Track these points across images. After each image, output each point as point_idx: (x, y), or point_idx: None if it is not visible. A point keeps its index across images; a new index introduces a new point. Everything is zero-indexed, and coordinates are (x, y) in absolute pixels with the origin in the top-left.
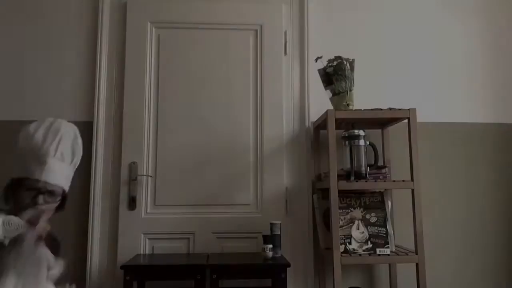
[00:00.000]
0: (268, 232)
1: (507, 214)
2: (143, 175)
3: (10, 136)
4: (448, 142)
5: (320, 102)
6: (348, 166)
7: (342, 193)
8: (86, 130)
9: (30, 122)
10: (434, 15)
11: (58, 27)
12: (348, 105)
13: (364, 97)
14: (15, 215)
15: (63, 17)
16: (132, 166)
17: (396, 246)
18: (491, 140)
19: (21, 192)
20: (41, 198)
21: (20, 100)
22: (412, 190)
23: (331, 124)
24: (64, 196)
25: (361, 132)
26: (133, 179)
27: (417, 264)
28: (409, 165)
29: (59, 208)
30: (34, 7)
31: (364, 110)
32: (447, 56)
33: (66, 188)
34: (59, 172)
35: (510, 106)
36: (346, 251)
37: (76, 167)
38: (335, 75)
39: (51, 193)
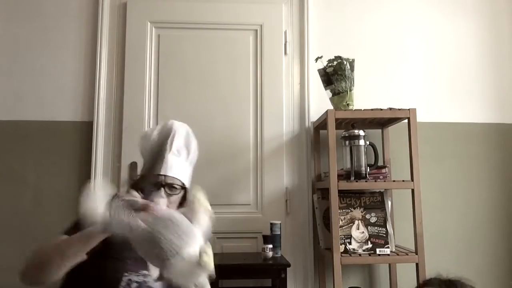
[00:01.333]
0: (268, 232)
1: (507, 214)
2: None
3: (10, 136)
4: (448, 142)
5: (320, 102)
6: (348, 166)
7: (342, 193)
8: (86, 130)
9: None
10: (435, 15)
11: (58, 27)
12: (348, 105)
13: (364, 97)
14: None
15: (63, 17)
16: (132, 166)
17: (396, 246)
18: (491, 140)
19: (147, 187)
20: (162, 191)
21: (20, 100)
22: (412, 190)
23: (331, 124)
24: (184, 190)
25: (361, 132)
26: (133, 179)
27: (417, 264)
28: (409, 165)
29: (181, 204)
30: (33, 7)
31: (364, 110)
32: (447, 56)
33: (186, 182)
34: (176, 166)
35: (510, 106)
36: (346, 251)
37: (192, 165)
38: (335, 75)
39: (171, 186)
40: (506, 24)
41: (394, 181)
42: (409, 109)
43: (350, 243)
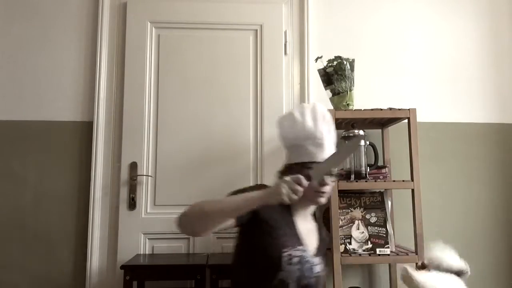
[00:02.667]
0: None
1: (508, 214)
2: (143, 175)
3: (10, 136)
4: (448, 142)
5: (320, 102)
6: (348, 166)
7: (342, 193)
8: (86, 130)
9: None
10: (435, 15)
11: (58, 27)
12: (348, 105)
13: (364, 97)
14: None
15: (63, 17)
16: (132, 166)
17: (396, 246)
18: (491, 140)
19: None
20: (329, 179)
21: (20, 100)
22: (412, 190)
23: None
24: (341, 175)
25: (361, 132)
26: (133, 179)
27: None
28: (409, 165)
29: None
30: (34, 7)
31: (364, 110)
32: (447, 56)
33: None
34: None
35: (510, 106)
36: (346, 251)
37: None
38: (335, 75)
39: (332, 173)
40: (506, 24)
41: (394, 181)
42: (409, 109)
43: (350, 243)
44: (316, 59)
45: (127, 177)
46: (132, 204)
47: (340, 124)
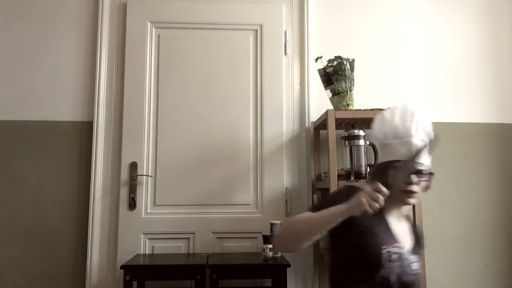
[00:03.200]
0: (268, 232)
1: (508, 214)
2: (143, 175)
3: (10, 136)
4: (448, 142)
5: (320, 102)
6: (348, 166)
7: None
8: (86, 130)
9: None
10: (435, 15)
11: (58, 27)
12: (348, 105)
13: (364, 97)
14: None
15: (63, 17)
16: (132, 166)
17: None
18: (492, 140)
19: (392, 175)
20: (414, 178)
21: (20, 100)
22: None
23: (331, 124)
24: (430, 175)
25: (361, 132)
26: (133, 179)
27: None
28: None
29: (427, 187)
30: (34, 7)
31: (364, 110)
32: (447, 56)
33: (431, 168)
34: (425, 153)
35: (510, 106)
36: None
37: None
38: (335, 75)
39: (419, 172)
40: (506, 24)
41: None
42: None
43: None
44: (316, 59)
45: (127, 177)
46: (132, 204)
47: (340, 124)
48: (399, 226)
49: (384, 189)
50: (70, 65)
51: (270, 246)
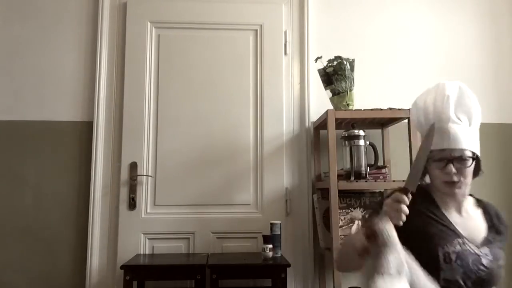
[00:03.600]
0: (268, 232)
1: (508, 214)
2: (143, 175)
3: (10, 136)
4: None
5: (320, 102)
6: (348, 166)
7: (342, 193)
8: (86, 130)
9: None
10: (435, 15)
11: (58, 27)
12: (348, 105)
13: (364, 97)
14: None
15: (63, 17)
16: (132, 166)
17: None
18: (492, 140)
19: (430, 165)
20: (451, 167)
21: (20, 100)
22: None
23: (331, 124)
24: (476, 159)
25: (361, 132)
26: (133, 179)
27: None
28: (409, 165)
29: (475, 173)
30: (33, 7)
31: (364, 110)
32: (448, 55)
33: (476, 150)
34: (460, 136)
35: (510, 106)
36: None
37: (478, 126)
38: (335, 75)
39: (459, 159)
40: (506, 24)
41: (394, 181)
42: (409, 109)
43: None
44: (316, 59)
45: (127, 177)
46: (132, 204)
47: (340, 124)
48: (464, 219)
49: (403, 197)
50: (70, 65)
51: (270, 246)
